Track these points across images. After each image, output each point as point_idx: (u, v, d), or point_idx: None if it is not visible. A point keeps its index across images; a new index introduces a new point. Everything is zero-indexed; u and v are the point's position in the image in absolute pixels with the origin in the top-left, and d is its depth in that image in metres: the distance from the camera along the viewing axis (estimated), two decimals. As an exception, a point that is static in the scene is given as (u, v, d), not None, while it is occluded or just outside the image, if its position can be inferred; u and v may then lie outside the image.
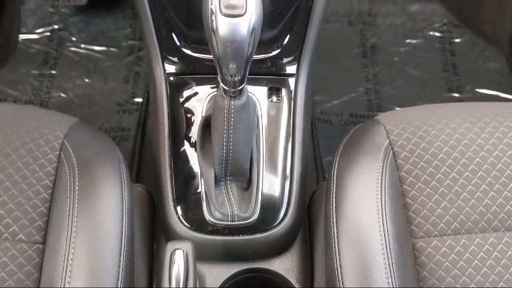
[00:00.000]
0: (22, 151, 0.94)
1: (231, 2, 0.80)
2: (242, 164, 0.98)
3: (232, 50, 0.82)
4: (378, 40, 1.92)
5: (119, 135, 1.67)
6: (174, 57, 1.12)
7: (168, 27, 1.07)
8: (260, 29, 0.83)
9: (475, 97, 1.80)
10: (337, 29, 1.95)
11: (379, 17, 1.95)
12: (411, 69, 1.86)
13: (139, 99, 1.76)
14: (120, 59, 1.85)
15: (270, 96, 1.13)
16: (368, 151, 0.94)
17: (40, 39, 1.87)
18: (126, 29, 1.90)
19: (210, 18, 0.81)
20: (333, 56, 1.89)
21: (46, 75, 1.80)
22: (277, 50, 1.11)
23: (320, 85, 1.80)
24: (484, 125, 0.97)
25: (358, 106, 1.79)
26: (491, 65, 1.87)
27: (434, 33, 1.93)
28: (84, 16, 1.90)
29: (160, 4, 1.04)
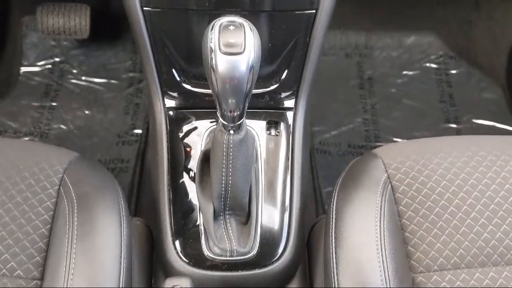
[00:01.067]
0: (22, 186, 0.94)
1: (230, 40, 0.82)
2: (241, 198, 0.98)
3: (231, 86, 0.83)
4: (375, 72, 1.95)
5: (118, 166, 1.68)
6: (174, 92, 1.13)
7: (168, 63, 1.09)
8: (258, 66, 0.85)
9: (472, 127, 1.81)
10: (335, 61, 1.98)
11: (375, 50, 1.98)
12: (408, 100, 1.88)
13: (139, 131, 1.77)
14: (120, 91, 1.87)
15: (269, 129, 1.14)
16: (366, 185, 0.95)
17: (41, 72, 1.89)
18: (126, 62, 1.93)
19: (210, 56, 0.82)
20: (331, 87, 1.91)
21: (46, 107, 1.82)
22: (276, 85, 1.13)
23: (319, 116, 1.81)
24: (481, 158, 0.98)
25: (356, 137, 1.80)
26: (487, 95, 1.89)
27: (430, 65, 1.96)
28: (85, 49, 1.93)
29: (160, 41, 1.06)
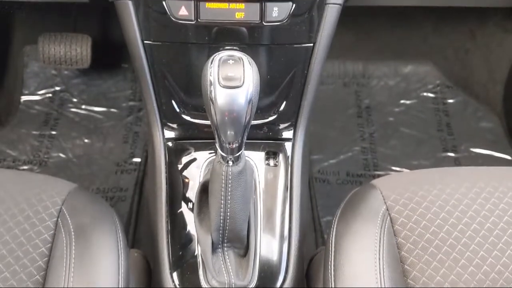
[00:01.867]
0: (20, 218, 0.94)
1: (229, 74, 0.83)
2: (239, 230, 0.98)
3: (230, 119, 0.84)
4: (373, 100, 1.97)
5: (116, 195, 1.68)
6: (173, 123, 1.14)
7: (168, 95, 1.10)
8: (257, 98, 0.86)
9: (471, 156, 1.82)
10: (333, 90, 2.00)
11: (373, 79, 2.00)
12: (406, 128, 1.90)
13: (138, 159, 1.77)
14: (120, 120, 1.88)
15: (267, 160, 1.14)
16: (365, 217, 0.94)
17: (42, 100, 1.91)
18: (126, 91, 1.94)
19: (209, 89, 0.84)
20: (329, 116, 1.92)
21: (46, 136, 1.82)
22: (274, 116, 1.14)
23: (317, 144, 1.82)
24: (479, 190, 0.98)
25: (355, 165, 1.81)
26: (484, 124, 1.91)
27: (427, 94, 1.98)
28: (86, 78, 1.95)
29: (160, 73, 1.07)
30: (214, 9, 0.98)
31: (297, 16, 0.99)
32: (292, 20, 0.99)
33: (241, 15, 0.98)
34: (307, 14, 1.00)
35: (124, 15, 1.00)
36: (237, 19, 0.99)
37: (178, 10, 0.98)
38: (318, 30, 1.02)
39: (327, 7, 1.00)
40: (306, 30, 1.02)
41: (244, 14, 0.98)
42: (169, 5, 0.97)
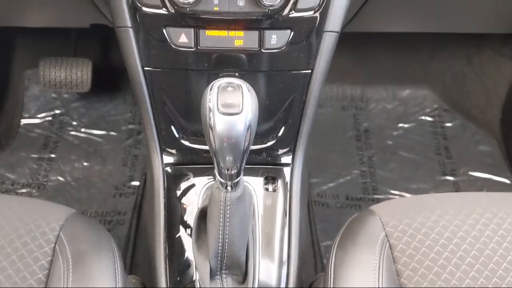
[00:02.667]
0: (18, 244, 0.93)
1: (228, 101, 0.84)
2: (238, 257, 0.97)
3: (229, 145, 0.84)
4: (371, 124, 1.98)
5: (115, 219, 1.67)
6: (172, 148, 1.14)
7: (168, 120, 1.11)
8: (256, 125, 0.86)
9: (469, 180, 1.82)
10: (331, 113, 2.01)
11: (371, 102, 2.02)
12: (404, 152, 1.90)
13: (136, 183, 1.77)
14: (119, 143, 1.88)
15: (266, 185, 1.14)
16: (364, 244, 0.94)
17: (42, 124, 1.91)
18: (126, 114, 1.95)
19: (208, 116, 0.84)
20: (328, 139, 1.93)
21: (45, 159, 1.83)
22: (273, 141, 1.14)
23: (316, 167, 1.82)
24: (478, 216, 0.98)
25: (354, 189, 1.81)
26: (482, 148, 1.91)
27: (425, 118, 1.99)
28: (85, 102, 1.96)
29: (160, 98, 1.08)
30: (214, 37, 0.99)
31: (295, 44, 1.01)
32: (291, 47, 1.01)
33: (240, 42, 1.00)
34: (305, 42, 1.01)
35: (125, 42, 1.01)
36: (236, 46, 1.00)
37: (178, 37, 0.99)
38: (316, 57, 1.04)
39: (324, 35, 1.01)
40: (304, 57, 1.03)
41: (243, 41, 1.00)
42: (169, 33, 0.99)
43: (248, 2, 0.95)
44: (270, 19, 0.98)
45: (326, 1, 0.97)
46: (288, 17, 0.98)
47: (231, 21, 0.98)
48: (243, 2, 0.95)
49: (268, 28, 0.99)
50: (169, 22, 0.97)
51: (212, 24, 0.98)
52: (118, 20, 0.99)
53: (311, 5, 0.97)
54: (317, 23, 0.99)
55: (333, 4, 0.98)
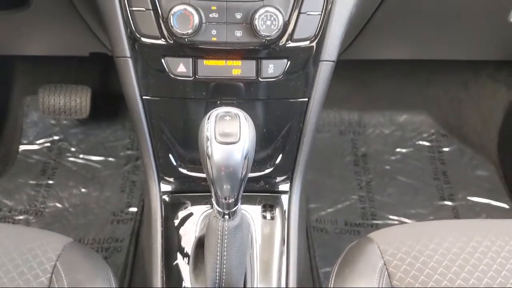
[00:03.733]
0: (14, 274, 0.93)
1: (225, 130, 0.84)
2: (235, 286, 0.96)
3: (226, 174, 0.84)
4: (369, 148, 1.99)
5: (112, 246, 1.66)
6: (170, 177, 1.15)
7: (166, 148, 1.11)
8: (253, 154, 0.87)
9: (468, 205, 1.82)
10: (329, 138, 2.02)
11: (368, 127, 2.03)
12: (402, 177, 1.90)
13: (134, 209, 1.76)
14: (118, 169, 1.88)
15: (264, 213, 1.14)
16: (363, 273, 0.94)
17: (40, 150, 1.92)
18: (124, 140, 1.96)
19: (206, 145, 0.85)
20: (326, 164, 1.93)
21: (43, 185, 1.82)
22: (270, 169, 1.14)
23: (315, 193, 1.82)
24: (476, 244, 0.98)
25: (352, 214, 1.80)
26: (480, 173, 1.92)
27: (423, 143, 2.00)
28: (84, 128, 1.97)
29: (158, 127, 1.08)
30: (212, 66, 1.01)
31: (292, 73, 1.02)
32: (287, 76, 1.02)
33: (238, 71, 1.01)
34: (302, 71, 1.02)
35: (124, 72, 1.02)
36: (234, 75, 1.01)
37: (176, 67, 1.00)
38: (313, 86, 1.05)
39: (321, 64, 1.03)
40: (301, 86, 1.05)
41: (240, 70, 1.01)
42: (167, 62, 1.00)
43: (246, 33, 0.96)
44: (267, 49, 0.99)
45: (322, 31, 0.99)
46: (285, 47, 0.99)
47: (229, 51, 0.99)
48: (241, 33, 0.96)
49: (265, 57, 1.00)
50: (167, 52, 0.99)
51: (210, 54, 1.00)
52: (117, 50, 1.00)
53: (307, 35, 0.99)
54: (313, 53, 1.01)
55: (328, 34, 0.99)
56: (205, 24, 0.96)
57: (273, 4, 0.95)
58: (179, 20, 0.93)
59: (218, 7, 0.95)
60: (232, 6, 0.95)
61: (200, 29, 0.95)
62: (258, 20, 0.94)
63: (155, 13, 0.95)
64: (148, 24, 0.96)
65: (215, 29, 0.96)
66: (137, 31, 0.97)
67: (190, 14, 0.93)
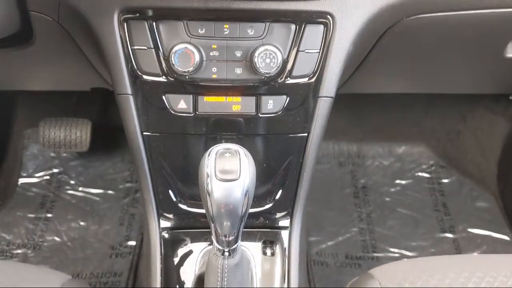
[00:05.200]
0: (10, 314, 0.91)
1: (225, 167, 0.85)
2: (235, 325, 0.95)
3: (226, 211, 0.84)
4: (369, 180, 1.99)
5: (110, 280, 1.64)
6: (170, 213, 1.14)
7: (165, 184, 1.11)
8: (253, 190, 0.87)
9: (469, 237, 1.81)
10: (329, 169, 2.02)
11: (367, 159, 2.03)
12: (402, 209, 1.90)
13: (133, 242, 1.75)
14: (117, 201, 1.88)
15: (264, 249, 1.13)
16: (364, 311, 0.93)
17: (39, 183, 1.91)
18: (124, 172, 1.96)
19: (206, 182, 0.85)
20: (326, 196, 1.93)
21: (41, 218, 1.81)
22: (270, 204, 1.14)
23: (315, 225, 1.81)
24: (478, 280, 0.97)
25: (353, 247, 1.79)
26: (480, 204, 1.91)
27: (422, 174, 2.00)
28: (84, 160, 1.97)
29: (158, 163, 1.09)
30: (212, 102, 1.02)
31: (291, 109, 1.03)
32: (287, 112, 1.03)
33: (238, 107, 1.02)
34: (301, 106, 1.04)
35: (125, 108, 1.03)
36: (234, 111, 1.02)
37: (177, 103, 1.01)
38: (312, 121, 1.06)
39: (319, 100, 1.04)
40: (300, 121, 1.06)
41: (240, 106, 1.02)
42: (168, 99, 1.01)
43: (245, 70, 0.98)
44: (267, 85, 1.01)
45: (320, 68, 1.00)
46: (284, 83, 1.01)
47: (229, 88, 1.00)
48: (241, 70, 0.98)
49: (265, 93, 1.02)
50: (168, 89, 1.00)
51: (211, 91, 1.01)
52: (119, 88, 1.01)
53: (306, 72, 1.01)
54: (312, 89, 1.02)
55: (327, 71, 1.01)
56: (206, 62, 0.97)
57: (272, 43, 0.97)
58: (180, 58, 0.95)
59: (218, 45, 0.97)
60: (232, 44, 0.97)
61: (200, 66, 0.97)
62: (257, 58, 0.96)
63: (157, 52, 0.97)
64: (150, 62, 0.98)
65: (216, 66, 0.98)
66: (138, 69, 0.99)
67: (191, 52, 0.95)
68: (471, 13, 1.02)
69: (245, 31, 0.97)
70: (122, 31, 0.96)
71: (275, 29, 0.97)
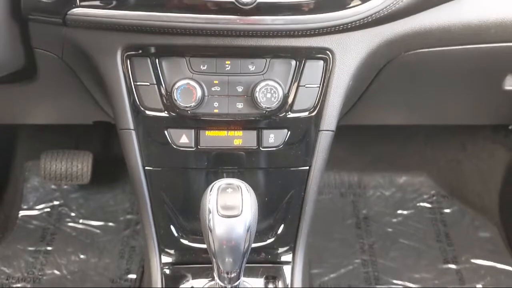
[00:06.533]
0: None
1: (227, 203, 0.85)
2: None
3: (228, 248, 0.84)
4: (370, 211, 1.98)
5: (110, 315, 1.62)
6: (171, 248, 1.14)
7: (167, 219, 1.11)
8: (255, 226, 0.87)
9: (472, 268, 1.79)
10: (330, 200, 2.01)
11: (369, 189, 2.03)
12: (405, 239, 1.88)
13: (133, 275, 1.73)
14: (117, 234, 1.86)
15: (267, 285, 1.12)
16: None
17: (40, 215, 1.91)
18: (125, 204, 1.95)
19: (208, 217, 0.85)
20: (328, 227, 1.92)
21: (41, 251, 1.80)
22: (272, 239, 1.14)
23: (317, 257, 1.80)
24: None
25: (356, 279, 1.77)
26: (483, 234, 1.90)
27: (424, 204, 1.99)
28: (84, 192, 1.97)
29: (160, 198, 1.09)
30: (214, 137, 1.02)
31: (293, 142, 1.04)
32: (288, 145, 1.04)
33: (239, 141, 1.03)
34: (302, 140, 1.04)
35: (127, 143, 1.04)
36: (235, 145, 1.03)
37: (179, 138, 1.02)
38: (313, 155, 1.06)
39: (320, 134, 1.05)
40: (301, 155, 1.06)
41: (242, 140, 1.03)
42: (170, 134, 1.02)
43: (247, 104, 0.99)
44: (268, 120, 1.01)
45: (321, 103, 1.01)
46: (285, 117, 1.01)
47: (231, 122, 1.01)
48: (242, 105, 0.99)
49: (266, 127, 1.02)
50: (170, 124, 1.01)
51: (212, 125, 1.02)
52: (121, 123, 1.02)
53: (307, 107, 1.02)
54: (313, 123, 1.03)
55: (327, 105, 1.02)
56: (208, 97, 0.98)
57: (273, 78, 0.98)
58: (182, 94, 0.96)
59: (220, 81, 0.98)
60: (233, 80, 0.98)
61: (202, 101, 0.98)
62: (258, 93, 0.97)
63: (159, 87, 0.98)
64: (152, 97, 0.99)
65: (217, 101, 0.99)
66: (141, 104, 1.00)
67: (193, 88, 0.96)
68: (468, 48, 1.04)
69: (246, 67, 0.98)
70: (125, 68, 0.98)
71: (275, 65, 0.99)
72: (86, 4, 0.90)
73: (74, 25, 0.92)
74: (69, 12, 0.90)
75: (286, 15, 0.90)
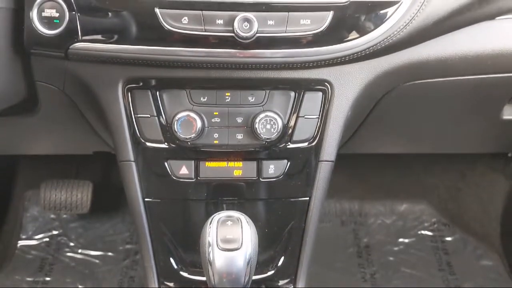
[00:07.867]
0: None
1: (227, 236, 0.85)
2: None
3: (228, 281, 0.84)
4: (371, 239, 1.96)
5: None
6: (171, 281, 1.12)
7: (167, 251, 1.10)
8: (256, 259, 0.86)
9: (476, 297, 1.77)
10: (331, 228, 2.00)
11: (370, 217, 2.02)
12: (406, 268, 1.87)
13: (132, 307, 1.71)
14: (116, 264, 1.85)
15: None
16: None
17: (39, 245, 1.89)
18: (124, 233, 1.94)
19: (207, 250, 0.85)
20: (329, 256, 1.90)
21: (40, 282, 1.78)
22: (272, 271, 1.13)
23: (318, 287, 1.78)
24: None
25: (358, 310, 1.75)
26: (485, 263, 1.88)
27: (425, 232, 1.98)
28: (84, 222, 1.96)
29: (159, 229, 1.08)
30: (213, 168, 1.03)
31: (293, 173, 1.04)
32: (288, 176, 1.04)
33: (239, 172, 1.03)
34: (302, 171, 1.04)
35: (127, 175, 1.04)
36: (235, 176, 1.03)
37: (179, 169, 1.02)
38: (313, 185, 1.06)
39: (320, 164, 1.05)
40: (301, 185, 1.06)
41: (242, 171, 1.03)
42: (170, 165, 1.02)
43: (246, 135, 1.00)
44: (268, 150, 1.02)
45: (320, 133, 1.02)
46: (285, 148, 1.02)
47: (230, 153, 1.02)
48: (242, 136, 1.00)
49: (266, 158, 1.03)
50: (170, 155, 1.01)
51: (212, 156, 1.02)
52: (122, 155, 1.02)
53: (306, 137, 1.02)
54: (312, 153, 1.04)
55: (326, 135, 1.02)
56: (208, 128, 0.99)
57: (272, 109, 0.99)
58: (182, 126, 0.97)
59: (220, 112, 0.99)
60: (233, 111, 0.99)
61: (202, 133, 0.98)
62: (258, 124, 0.98)
63: (159, 119, 0.99)
64: (153, 129, 1.00)
65: (217, 132, 1.00)
66: (141, 136, 1.00)
67: (193, 119, 0.97)
68: (466, 79, 1.05)
69: (246, 98, 0.99)
70: (126, 100, 0.99)
71: (275, 96, 1.00)
72: (88, 39, 0.91)
73: (76, 59, 0.93)
74: (72, 47, 0.91)
75: (285, 48, 0.91)
